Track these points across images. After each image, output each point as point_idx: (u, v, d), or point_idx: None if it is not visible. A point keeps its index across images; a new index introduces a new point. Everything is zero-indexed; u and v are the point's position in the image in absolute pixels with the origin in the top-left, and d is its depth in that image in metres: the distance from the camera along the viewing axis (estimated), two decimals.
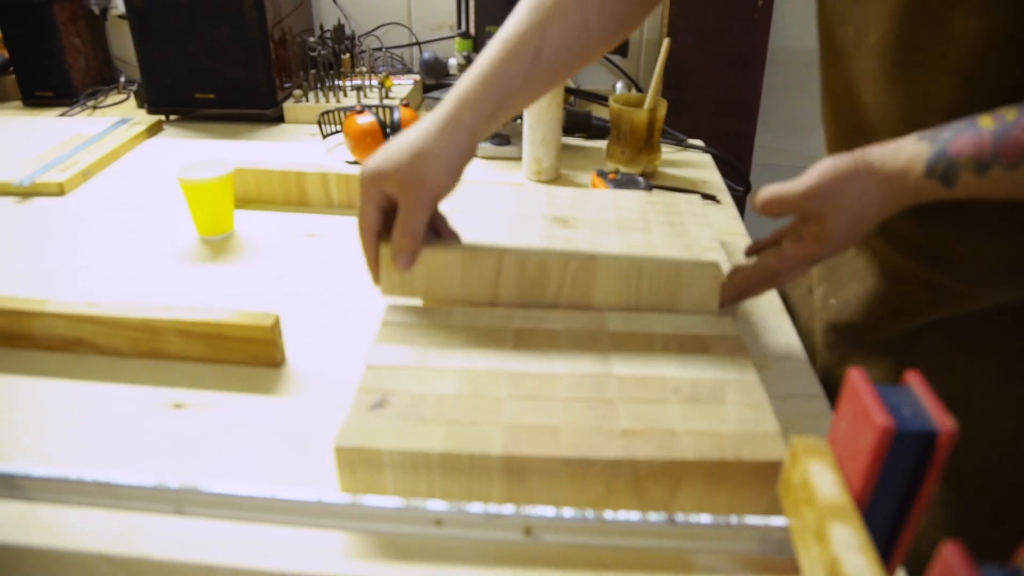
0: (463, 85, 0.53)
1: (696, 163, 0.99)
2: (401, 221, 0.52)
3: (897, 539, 0.36)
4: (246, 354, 0.56)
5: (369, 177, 0.51)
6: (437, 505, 0.39)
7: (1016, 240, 0.52)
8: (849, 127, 0.57)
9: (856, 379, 0.35)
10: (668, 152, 1.01)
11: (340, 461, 0.43)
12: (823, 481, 0.36)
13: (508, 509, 0.38)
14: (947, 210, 0.48)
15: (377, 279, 0.55)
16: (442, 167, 0.51)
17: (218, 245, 0.75)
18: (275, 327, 0.56)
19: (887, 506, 0.35)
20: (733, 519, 0.39)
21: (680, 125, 1.08)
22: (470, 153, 0.53)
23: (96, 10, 1.23)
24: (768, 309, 0.65)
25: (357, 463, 0.43)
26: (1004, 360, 0.56)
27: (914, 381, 0.36)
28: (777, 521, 0.39)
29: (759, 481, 0.43)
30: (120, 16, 1.26)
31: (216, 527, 0.42)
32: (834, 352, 0.65)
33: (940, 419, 0.33)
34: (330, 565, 0.41)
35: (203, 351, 0.56)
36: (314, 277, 0.70)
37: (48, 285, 0.68)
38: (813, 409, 0.54)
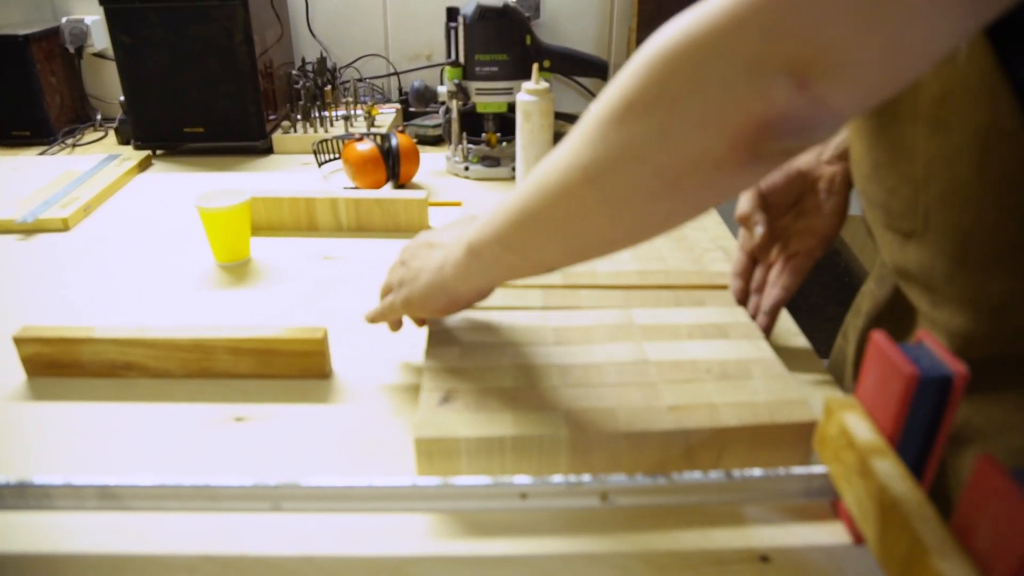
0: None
1: None
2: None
3: (923, 473, 0.42)
4: (297, 367, 0.59)
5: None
6: (522, 479, 0.43)
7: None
8: (858, 175, 0.62)
9: (880, 340, 0.41)
10: None
11: (419, 451, 0.47)
12: (859, 428, 0.42)
13: (586, 478, 0.43)
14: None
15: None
16: None
17: (238, 271, 0.78)
18: (324, 340, 0.59)
19: (914, 444, 0.41)
20: (781, 470, 0.44)
21: None
22: None
23: (72, 48, 1.23)
24: None
25: (435, 452, 0.47)
26: None
27: (926, 338, 0.42)
28: (818, 470, 0.44)
29: (793, 441, 0.49)
30: (95, 54, 1.27)
31: (299, 522, 0.45)
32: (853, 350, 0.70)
33: (953, 365, 0.39)
34: (422, 547, 0.44)
35: (253, 367, 0.59)
36: (339, 296, 0.73)
37: (73, 319, 0.69)
38: (819, 384, 0.60)
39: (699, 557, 0.43)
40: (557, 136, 1.03)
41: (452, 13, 0.98)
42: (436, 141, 1.20)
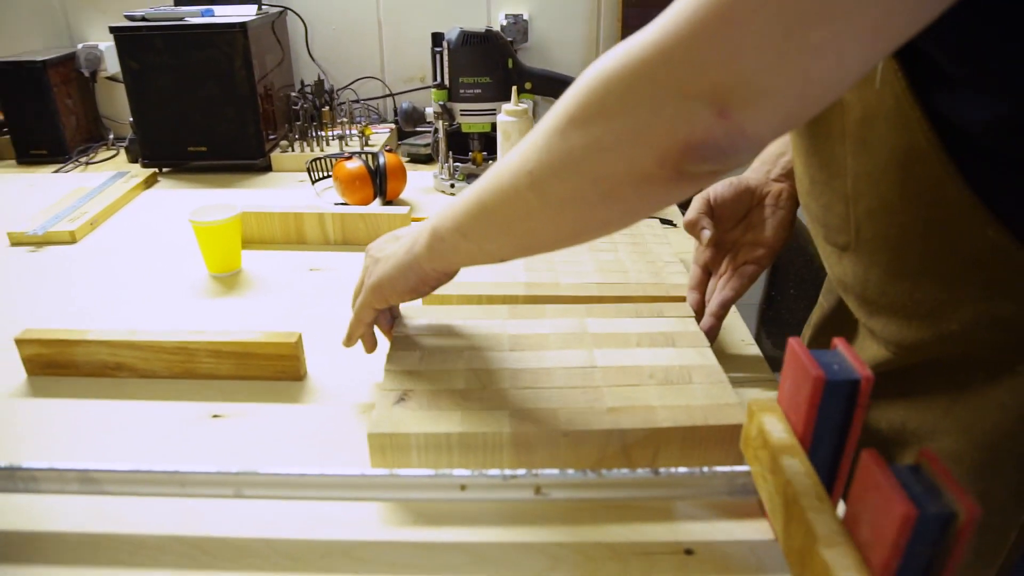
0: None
1: None
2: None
3: (836, 474, 0.45)
4: (273, 370, 0.63)
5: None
6: (462, 472, 0.46)
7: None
8: (800, 191, 0.65)
9: (795, 345, 0.45)
10: None
11: (372, 445, 0.51)
12: (774, 428, 0.45)
13: (521, 471, 0.46)
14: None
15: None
16: None
17: (228, 281, 0.83)
18: (299, 343, 0.63)
19: (826, 444, 0.44)
20: (705, 469, 0.47)
21: None
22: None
23: (86, 72, 1.30)
24: None
25: (387, 447, 0.51)
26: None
27: (840, 344, 0.45)
28: (741, 468, 0.47)
29: (724, 443, 0.52)
30: (108, 78, 1.34)
31: (260, 508, 0.49)
32: None
33: (861, 370, 0.42)
34: (371, 533, 0.48)
35: (233, 369, 0.63)
36: (322, 305, 0.77)
37: (75, 324, 0.74)
38: (768, 391, 0.63)
39: (627, 548, 0.46)
40: None
41: (437, 38, 1.04)
42: (428, 159, 1.24)
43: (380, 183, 1.00)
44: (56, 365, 0.64)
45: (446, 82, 1.03)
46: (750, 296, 0.77)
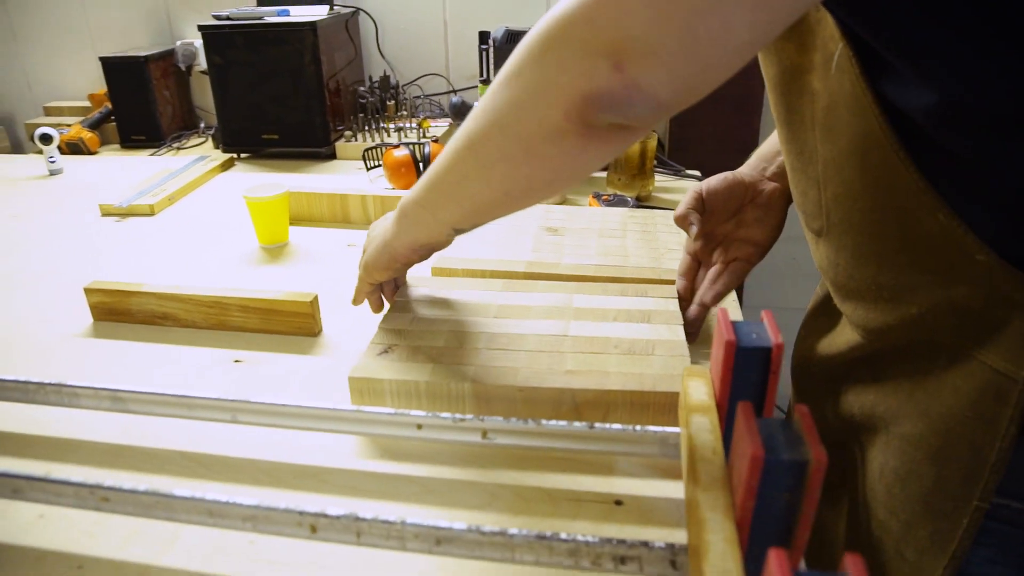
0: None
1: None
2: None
3: None
4: (291, 325, 0.72)
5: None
6: (418, 413, 0.52)
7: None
8: (789, 183, 0.65)
9: (720, 316, 0.48)
10: (666, 180, 1.15)
11: (352, 388, 0.57)
12: (697, 392, 0.48)
13: (469, 416, 0.52)
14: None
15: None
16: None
17: (275, 252, 0.92)
18: (314, 303, 0.71)
19: None
20: (638, 427, 0.51)
21: (685, 159, 1.22)
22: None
23: (183, 67, 1.46)
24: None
25: (365, 390, 0.57)
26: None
27: (766, 318, 0.48)
28: (673, 429, 0.51)
29: (672, 410, 0.55)
30: (202, 72, 1.49)
31: (253, 434, 0.57)
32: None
33: (775, 338, 0.45)
34: (341, 462, 0.55)
35: (259, 323, 0.72)
36: (352, 276, 0.85)
37: (142, 281, 0.86)
38: None
39: (560, 494, 0.51)
40: None
41: (484, 36, 1.10)
42: None
43: (424, 169, 1.07)
44: (116, 312, 0.75)
45: (491, 78, 1.10)
46: (795, 300, 0.76)
